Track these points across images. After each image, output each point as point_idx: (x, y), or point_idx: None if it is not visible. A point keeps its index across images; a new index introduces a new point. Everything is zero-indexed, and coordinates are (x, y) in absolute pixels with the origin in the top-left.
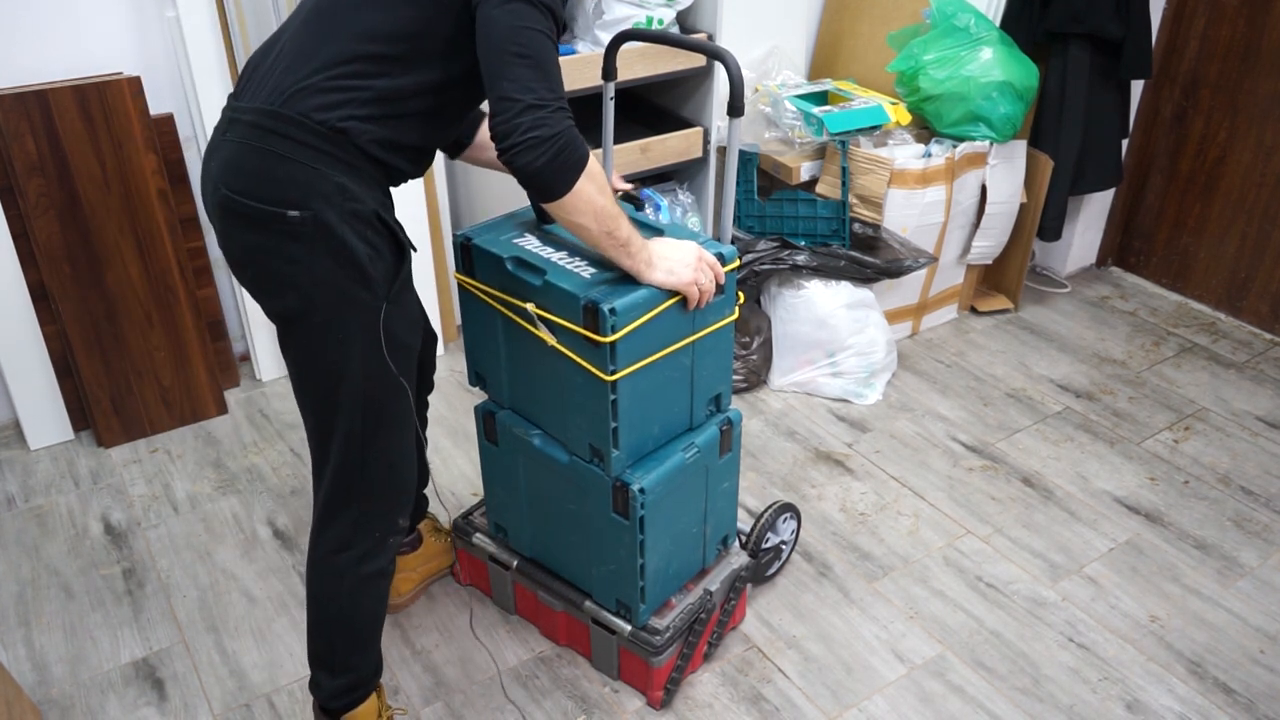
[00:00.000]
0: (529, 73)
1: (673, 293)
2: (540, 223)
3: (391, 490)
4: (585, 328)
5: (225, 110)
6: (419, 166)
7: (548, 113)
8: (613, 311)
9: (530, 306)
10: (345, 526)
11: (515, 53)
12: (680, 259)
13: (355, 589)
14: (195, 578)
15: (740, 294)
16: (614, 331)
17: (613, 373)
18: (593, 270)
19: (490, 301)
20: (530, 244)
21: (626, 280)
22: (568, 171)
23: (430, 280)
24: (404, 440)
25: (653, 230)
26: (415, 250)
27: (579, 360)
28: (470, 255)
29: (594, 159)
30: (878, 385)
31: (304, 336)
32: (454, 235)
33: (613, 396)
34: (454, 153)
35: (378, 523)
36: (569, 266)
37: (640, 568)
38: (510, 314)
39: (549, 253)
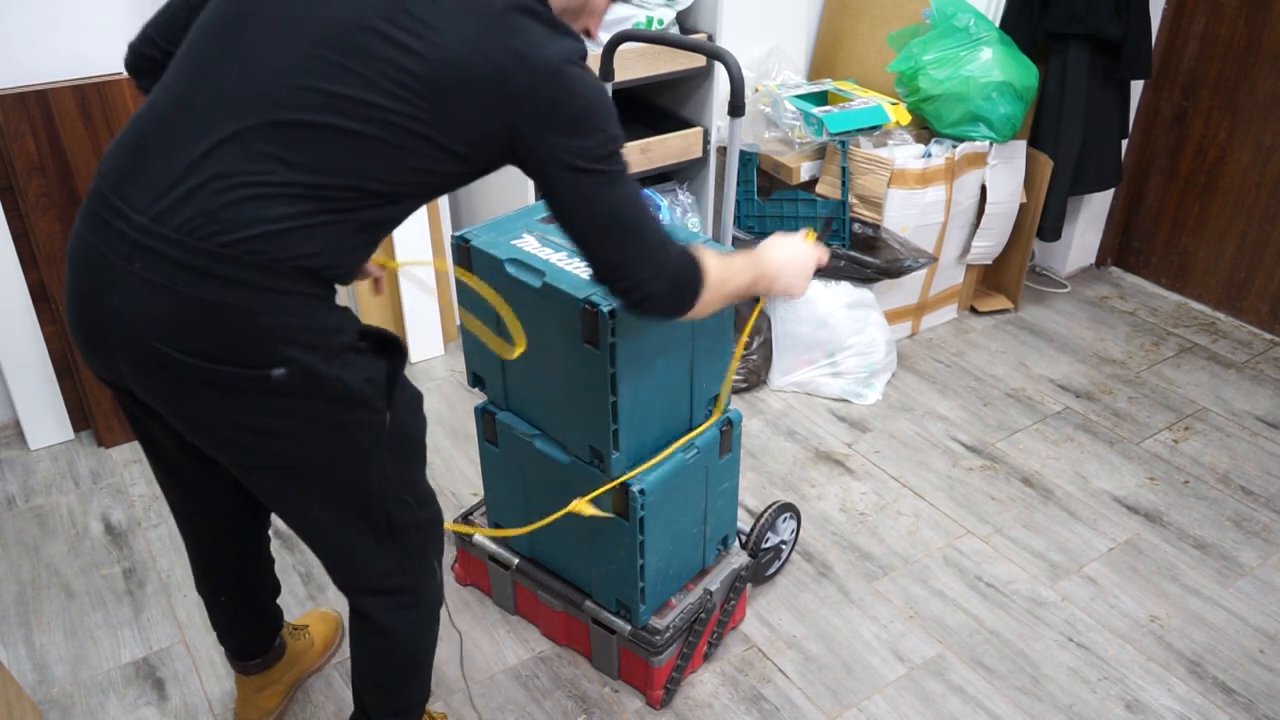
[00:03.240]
0: (634, 249)
1: None
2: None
3: (430, 545)
4: (584, 329)
5: (109, 215)
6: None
7: (658, 272)
8: (612, 313)
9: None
10: (391, 588)
11: (617, 233)
12: (794, 255)
13: (416, 637)
14: None
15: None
16: (613, 333)
17: (612, 375)
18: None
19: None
20: (529, 244)
21: None
22: (686, 306)
23: (430, 281)
24: (432, 499)
25: None
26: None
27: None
28: (468, 256)
29: (707, 262)
30: (877, 385)
31: (306, 478)
32: (452, 236)
33: (613, 398)
34: None
35: (423, 573)
36: (567, 267)
37: (640, 568)
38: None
39: (547, 253)
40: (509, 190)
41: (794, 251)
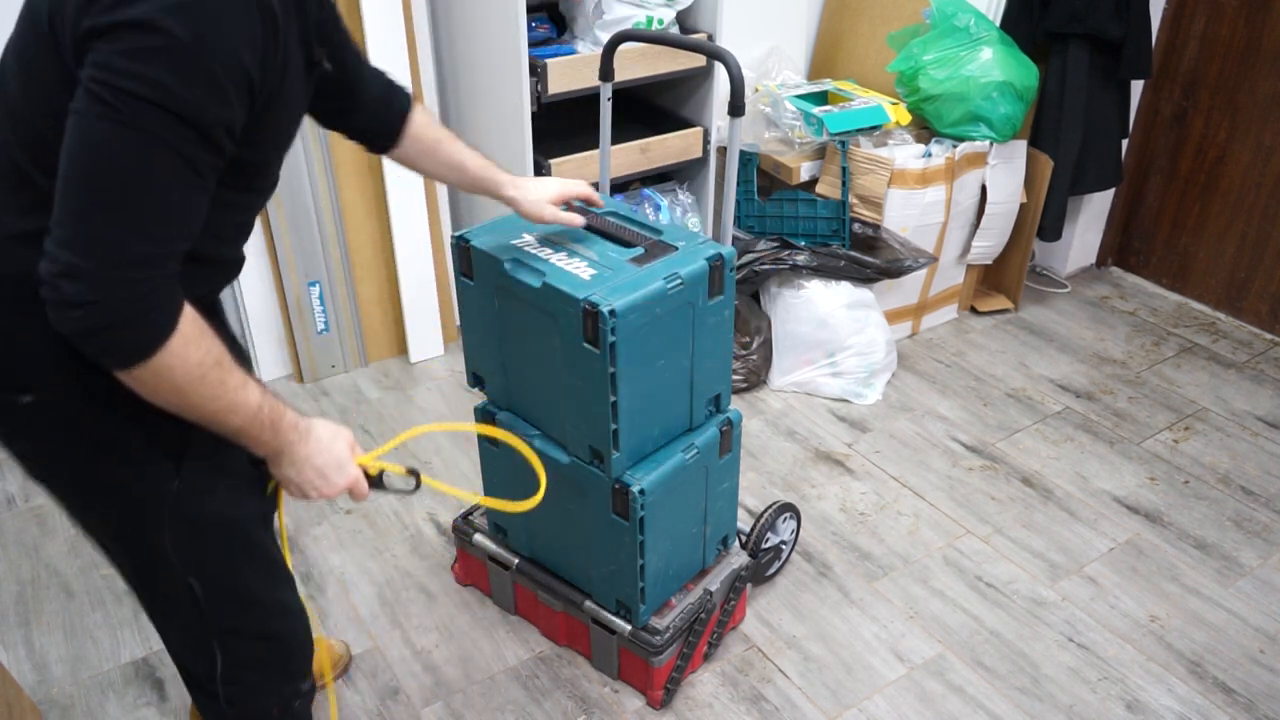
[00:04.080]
0: (92, 217)
1: (675, 290)
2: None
3: (277, 663)
4: (585, 329)
5: None
6: (213, 284)
7: (105, 277)
8: (613, 313)
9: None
10: (242, 708)
11: (82, 183)
12: (331, 470)
13: None
14: None
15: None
16: (614, 332)
17: (612, 375)
18: (593, 271)
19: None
20: (528, 244)
21: (627, 279)
22: (125, 349)
23: (430, 281)
24: (270, 605)
25: (651, 231)
26: None
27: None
28: (468, 257)
29: (203, 343)
30: (877, 385)
31: (95, 526)
32: (452, 236)
33: (613, 399)
34: (376, 146)
35: (277, 695)
36: (568, 267)
37: (640, 568)
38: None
39: (547, 253)
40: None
41: (335, 467)
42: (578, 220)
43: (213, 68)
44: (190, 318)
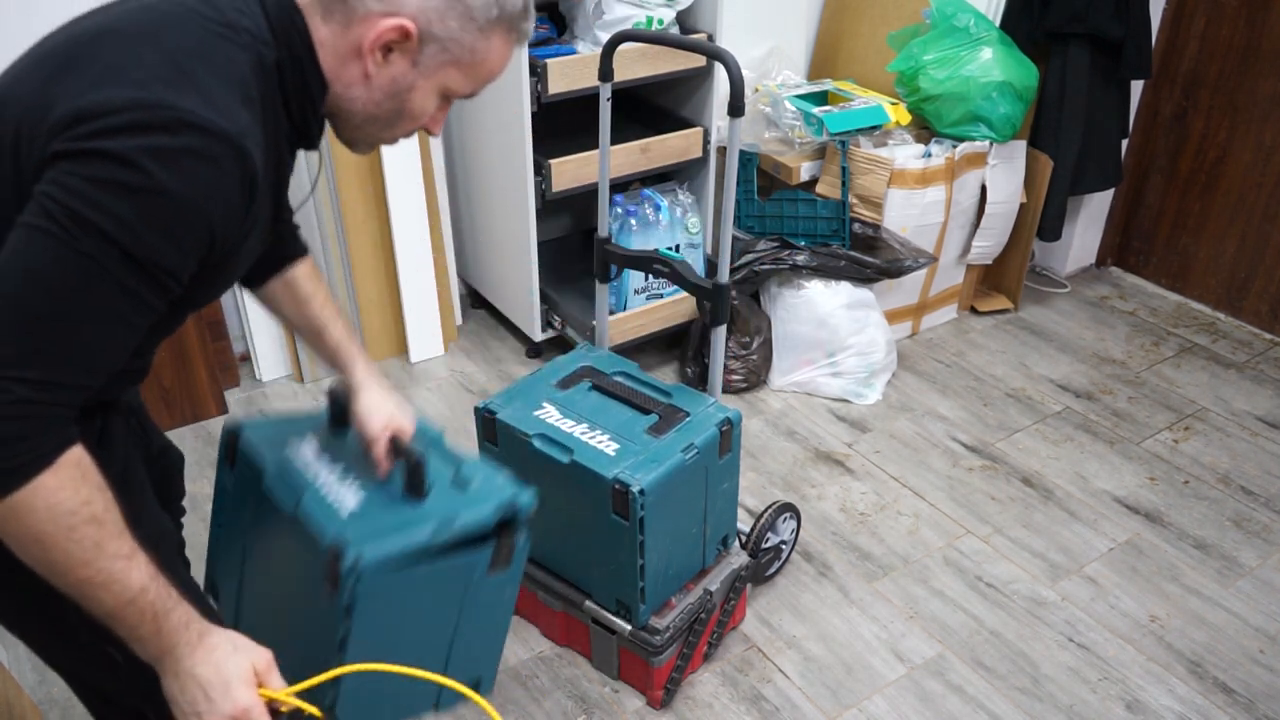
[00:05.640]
0: (3, 331)
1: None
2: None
3: None
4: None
5: None
6: (110, 392)
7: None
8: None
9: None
10: None
11: (7, 296)
12: (221, 689)
13: None
14: (195, 577)
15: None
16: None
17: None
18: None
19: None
20: (305, 459)
21: (429, 502)
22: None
23: (430, 281)
24: None
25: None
26: None
27: None
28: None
29: (63, 478)
30: (878, 385)
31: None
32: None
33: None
34: (245, 280)
35: None
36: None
37: (640, 568)
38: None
39: (333, 479)
40: (510, 193)
41: (220, 688)
42: (384, 464)
43: (180, 220)
44: (75, 460)
